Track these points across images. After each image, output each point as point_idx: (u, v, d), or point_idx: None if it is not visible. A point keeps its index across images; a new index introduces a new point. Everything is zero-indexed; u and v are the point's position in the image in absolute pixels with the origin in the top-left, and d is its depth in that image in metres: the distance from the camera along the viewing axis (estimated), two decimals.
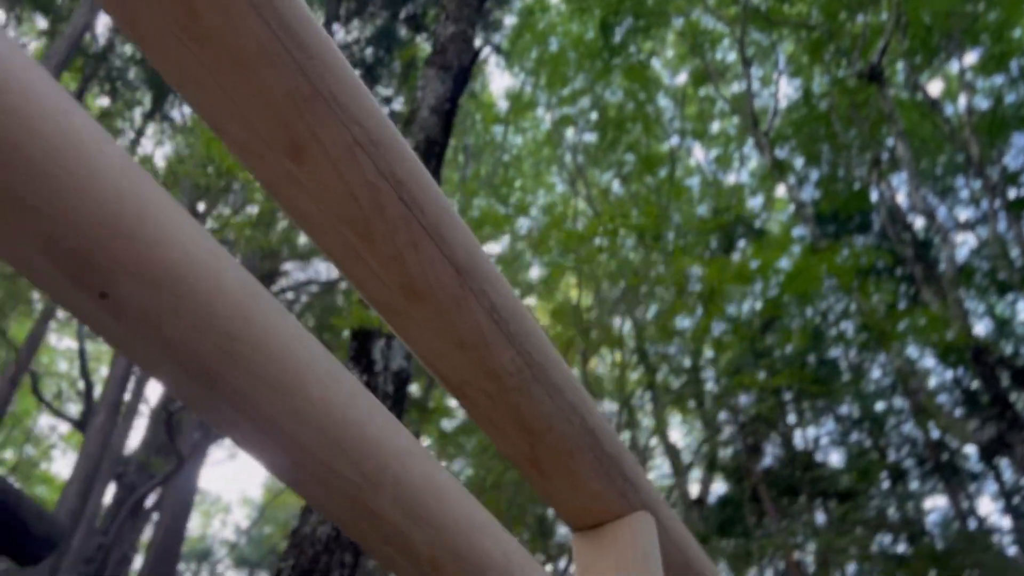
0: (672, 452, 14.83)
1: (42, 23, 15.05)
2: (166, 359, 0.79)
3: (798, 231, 14.99)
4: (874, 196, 14.61)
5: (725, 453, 14.20)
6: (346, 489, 0.96)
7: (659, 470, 17.65)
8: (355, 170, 1.10)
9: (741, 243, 14.64)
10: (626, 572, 1.67)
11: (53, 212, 0.69)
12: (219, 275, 0.81)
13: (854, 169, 14.67)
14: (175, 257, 0.76)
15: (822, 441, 14.23)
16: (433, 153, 4.72)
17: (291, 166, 1.08)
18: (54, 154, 0.68)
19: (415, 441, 1.05)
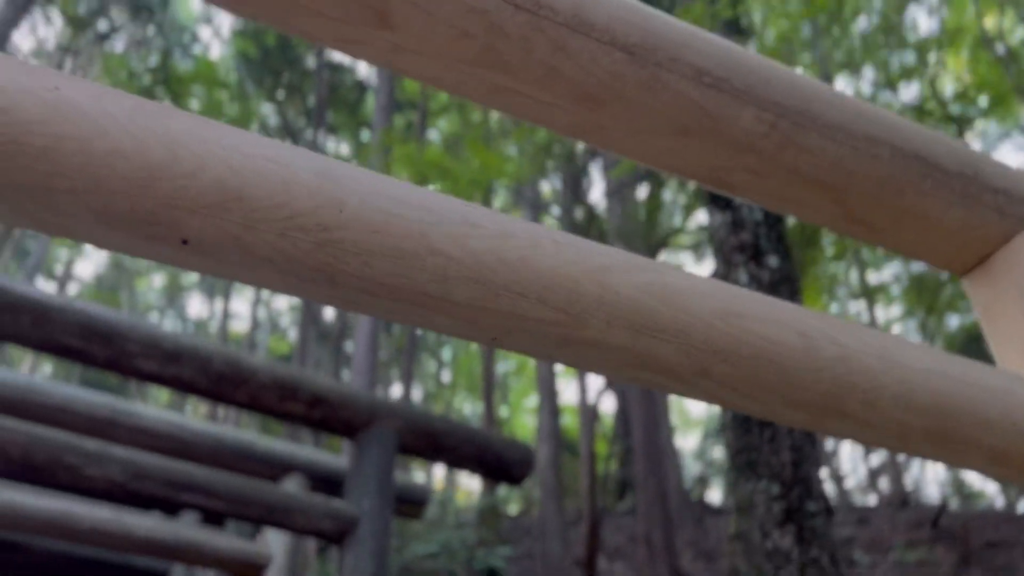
0: None
1: None
2: (274, 274, 0.78)
3: None
4: None
5: None
6: (546, 330, 0.87)
7: None
8: (450, 3, 0.98)
9: None
10: None
11: (88, 186, 0.70)
12: (284, 173, 0.77)
13: None
14: (222, 176, 0.74)
15: None
16: None
17: (391, 36, 1.00)
18: (60, 131, 0.69)
19: (612, 252, 0.92)
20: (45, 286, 23.14)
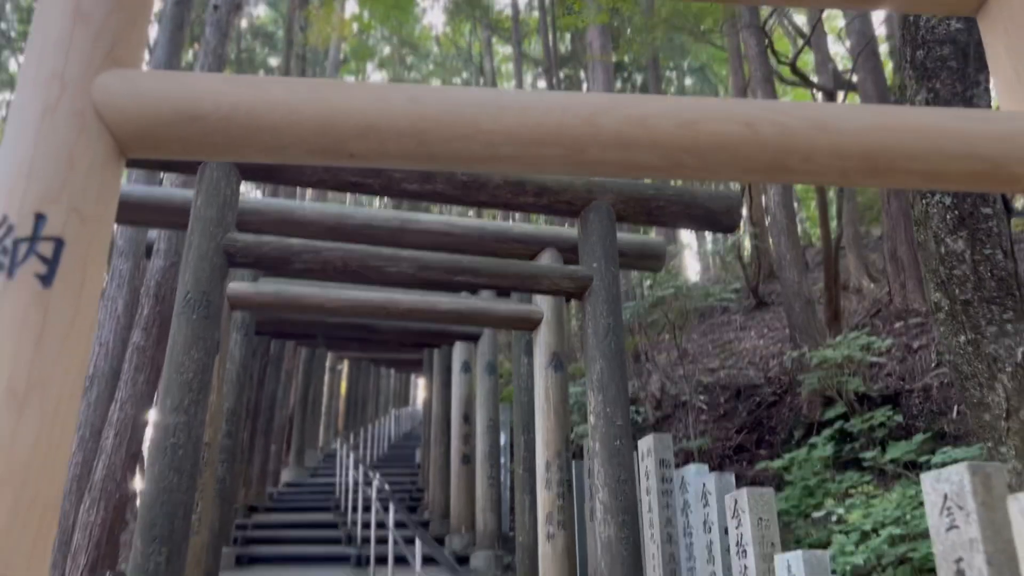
0: None
1: None
2: (404, 161, 1.36)
3: None
4: None
5: None
6: (562, 160, 1.36)
7: None
8: None
9: None
10: None
11: (295, 140, 1.32)
12: (386, 106, 1.32)
13: None
14: (361, 119, 1.31)
15: None
16: None
17: None
18: (276, 114, 1.31)
19: (602, 99, 1.37)
20: None
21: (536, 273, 4.37)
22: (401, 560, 5.92)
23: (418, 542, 4.84)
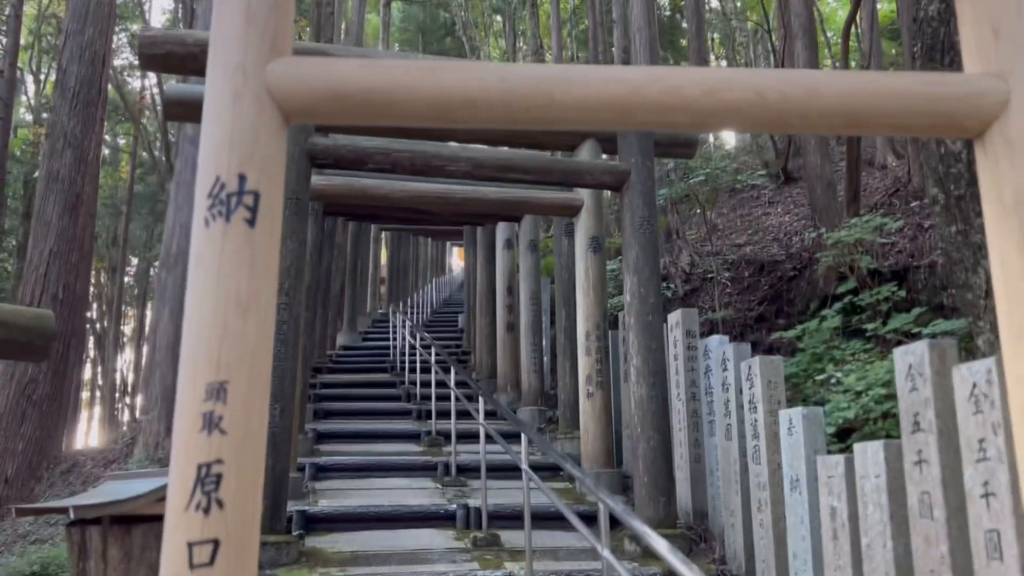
0: None
1: None
2: (495, 125, 1.75)
3: None
4: None
5: None
6: (614, 122, 1.74)
7: None
8: None
9: None
10: None
11: (417, 110, 1.71)
12: (483, 83, 1.70)
13: None
14: (461, 94, 1.70)
15: None
16: None
17: None
18: (399, 89, 1.70)
19: (646, 74, 1.73)
20: None
21: (579, 169, 4.70)
22: (460, 415, 6.63)
23: (481, 399, 5.48)
